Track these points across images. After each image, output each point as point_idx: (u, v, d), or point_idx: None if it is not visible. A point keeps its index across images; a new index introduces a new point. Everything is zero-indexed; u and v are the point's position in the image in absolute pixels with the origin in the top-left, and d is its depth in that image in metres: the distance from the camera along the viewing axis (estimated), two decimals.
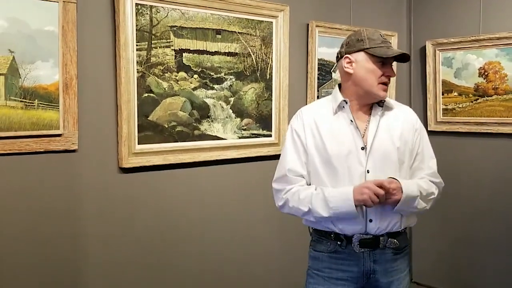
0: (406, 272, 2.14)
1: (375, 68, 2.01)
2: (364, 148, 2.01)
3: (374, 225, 2.00)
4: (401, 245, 2.08)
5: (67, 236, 2.52)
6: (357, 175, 2.00)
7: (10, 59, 2.29)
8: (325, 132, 2.05)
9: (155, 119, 2.74)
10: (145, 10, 2.66)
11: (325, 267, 2.08)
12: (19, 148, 2.34)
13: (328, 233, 2.07)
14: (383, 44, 2.02)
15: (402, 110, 2.18)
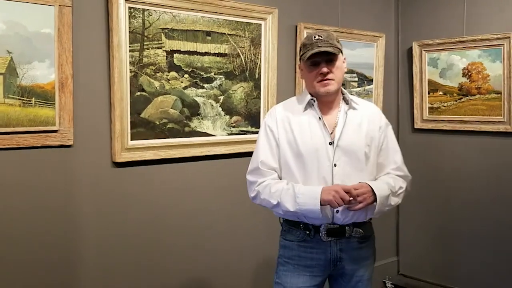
0: (371, 260, 2.25)
1: (308, 71, 2.15)
2: (332, 143, 2.12)
3: (340, 216, 2.10)
4: (366, 234, 2.19)
5: (62, 228, 2.62)
6: (325, 169, 2.10)
7: (8, 59, 2.39)
8: (296, 128, 2.16)
9: (147, 116, 2.85)
10: (137, 13, 2.77)
11: (294, 255, 2.19)
12: (17, 143, 2.44)
13: (297, 223, 2.17)
14: (311, 46, 2.09)
15: (368, 108, 2.28)
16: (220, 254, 3.25)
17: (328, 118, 2.18)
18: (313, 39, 2.10)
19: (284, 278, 2.20)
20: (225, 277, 3.28)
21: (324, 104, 2.19)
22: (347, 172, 2.10)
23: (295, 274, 2.18)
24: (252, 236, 3.39)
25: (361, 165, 2.13)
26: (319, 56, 2.09)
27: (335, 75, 2.11)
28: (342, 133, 2.13)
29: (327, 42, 2.08)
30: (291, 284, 2.17)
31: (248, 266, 3.39)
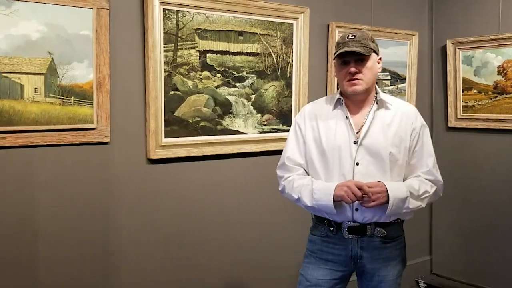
0: (397, 261, 2.24)
1: (339, 69, 2.18)
2: (356, 142, 2.14)
3: (360, 215, 2.13)
4: (390, 235, 2.19)
5: (100, 221, 2.73)
6: (347, 167, 2.13)
7: (49, 60, 2.51)
8: (322, 126, 2.20)
9: (180, 114, 2.93)
10: (172, 14, 2.85)
11: (317, 249, 2.24)
12: (57, 140, 2.56)
13: (322, 219, 2.21)
14: (342, 45, 2.11)
15: (403, 108, 2.25)
16: (251, 249, 3.32)
17: (357, 117, 2.20)
18: (346, 38, 2.13)
19: (306, 269, 2.26)
20: (254, 271, 3.35)
21: (354, 103, 2.21)
22: (370, 171, 2.11)
23: (315, 267, 2.23)
24: (282, 232, 3.44)
25: (385, 166, 2.13)
26: (349, 56, 2.11)
27: (364, 75, 2.12)
28: (367, 133, 2.15)
29: (359, 42, 2.09)
30: (311, 276, 2.22)
31: (278, 261, 3.44)
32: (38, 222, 2.55)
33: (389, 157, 2.13)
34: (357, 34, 2.13)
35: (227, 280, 3.24)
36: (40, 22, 2.46)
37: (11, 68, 2.41)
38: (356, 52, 2.08)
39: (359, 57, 2.10)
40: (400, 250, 2.27)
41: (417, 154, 2.22)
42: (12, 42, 2.40)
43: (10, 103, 2.42)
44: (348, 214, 2.14)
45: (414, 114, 2.26)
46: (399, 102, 2.31)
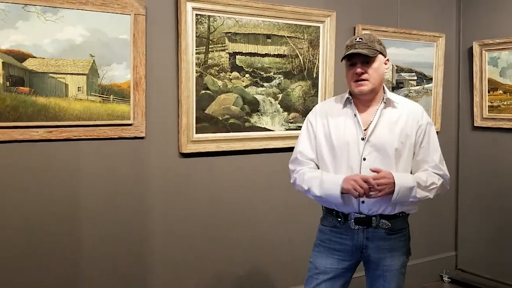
0: (402, 252, 2.30)
1: (347, 70, 2.25)
2: (364, 138, 2.22)
3: (366, 206, 2.20)
4: (395, 227, 2.25)
5: (135, 209, 2.90)
6: (355, 162, 2.21)
7: (91, 62, 2.69)
8: (332, 123, 2.29)
9: (210, 112, 3.07)
10: (204, 19, 2.99)
11: (326, 239, 2.33)
12: (98, 135, 2.74)
13: (331, 211, 2.31)
14: (350, 47, 2.19)
15: (409, 107, 2.32)
16: (276, 240, 3.43)
17: (364, 115, 2.27)
18: (353, 41, 2.21)
19: (315, 258, 2.35)
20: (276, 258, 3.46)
21: (362, 102, 2.29)
22: (375, 166, 2.18)
23: (324, 255, 2.32)
24: (307, 225, 3.50)
25: (390, 161, 2.20)
26: (356, 58, 2.19)
27: (370, 76, 2.19)
28: (374, 130, 2.22)
29: (365, 44, 2.17)
30: (320, 264, 2.31)
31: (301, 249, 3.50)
32: (80, 208, 2.74)
33: (395, 153, 2.20)
34: (364, 37, 2.21)
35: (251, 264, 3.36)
36: (83, 27, 2.64)
37: (57, 69, 2.60)
38: (362, 54, 2.16)
39: (365, 59, 2.18)
40: (404, 242, 2.33)
41: (424, 150, 2.27)
42: (58, 45, 2.59)
43: (56, 101, 2.61)
44: (354, 206, 2.22)
45: (420, 112, 2.32)
46: (406, 101, 2.37)
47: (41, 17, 2.54)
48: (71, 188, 2.71)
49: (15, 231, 2.58)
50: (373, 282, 2.33)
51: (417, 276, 4.07)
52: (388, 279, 2.27)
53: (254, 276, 3.36)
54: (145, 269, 2.96)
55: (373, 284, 2.34)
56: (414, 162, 2.28)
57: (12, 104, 2.50)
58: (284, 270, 3.48)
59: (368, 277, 2.37)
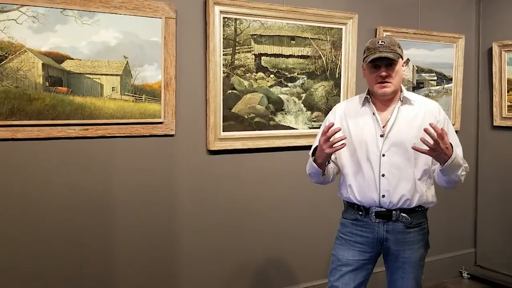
0: (420, 245, 2.32)
1: (369, 72, 2.26)
2: (382, 135, 2.25)
3: (386, 200, 2.24)
4: (414, 221, 2.28)
5: (165, 203, 2.98)
6: (374, 158, 2.24)
7: (124, 63, 2.77)
8: (351, 121, 2.33)
9: (237, 111, 3.13)
10: (230, 22, 3.05)
11: (348, 232, 2.37)
12: (131, 132, 2.82)
13: (352, 205, 2.34)
14: (373, 50, 2.20)
15: (426, 104, 2.34)
16: (300, 233, 3.47)
17: (383, 114, 2.30)
18: (376, 44, 2.23)
19: (338, 250, 2.38)
20: (302, 252, 3.50)
21: (381, 102, 2.32)
22: (395, 161, 2.22)
23: (346, 248, 2.35)
24: (329, 220, 3.54)
25: (409, 156, 2.23)
26: (380, 61, 2.21)
27: (393, 79, 2.23)
28: (392, 127, 2.25)
29: (388, 48, 2.20)
30: (342, 256, 2.35)
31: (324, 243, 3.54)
32: (113, 201, 2.82)
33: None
34: (386, 40, 2.23)
35: (274, 258, 3.41)
36: (117, 30, 2.72)
37: (93, 70, 2.69)
38: (386, 58, 2.19)
39: (389, 62, 2.21)
40: (423, 235, 2.35)
41: None
42: (93, 47, 2.68)
43: (92, 100, 2.70)
44: (375, 200, 2.25)
45: (437, 108, 2.34)
46: (422, 98, 2.40)
47: (78, 21, 2.63)
48: (105, 182, 2.80)
49: (53, 224, 2.68)
50: (392, 274, 2.36)
51: (437, 272, 4.08)
52: (407, 270, 2.30)
53: (277, 269, 3.41)
54: (173, 260, 3.04)
55: (392, 275, 2.36)
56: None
57: (51, 103, 2.59)
58: (307, 264, 3.52)
59: (388, 269, 2.40)
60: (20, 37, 2.50)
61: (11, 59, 2.49)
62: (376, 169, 2.24)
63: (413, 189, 2.25)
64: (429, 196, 2.32)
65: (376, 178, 2.24)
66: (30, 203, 2.61)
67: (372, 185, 2.24)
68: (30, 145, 2.59)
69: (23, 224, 2.60)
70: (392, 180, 2.23)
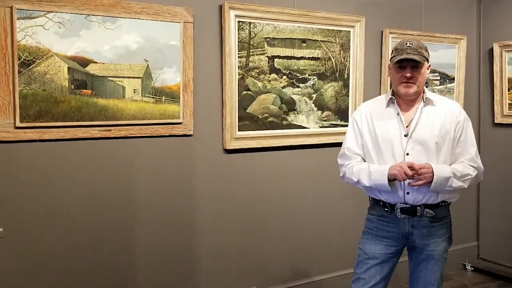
0: (444, 238, 2.36)
1: (396, 72, 2.30)
2: (406, 135, 2.29)
3: (411, 197, 2.28)
4: (438, 215, 2.32)
5: (184, 198, 3.02)
6: (399, 156, 2.28)
7: (145, 66, 2.81)
8: (377, 121, 2.36)
9: (251, 111, 3.17)
10: (245, 26, 3.09)
11: (374, 227, 2.41)
12: (151, 132, 2.86)
13: (378, 201, 2.38)
14: (401, 51, 2.24)
15: (448, 105, 2.39)
16: (311, 228, 3.52)
17: (407, 114, 2.34)
18: (404, 45, 2.27)
19: (365, 244, 2.43)
20: (314, 246, 3.55)
21: (405, 102, 2.36)
22: (418, 159, 2.25)
23: (373, 242, 2.40)
24: (339, 213, 3.62)
25: (432, 154, 2.27)
26: (406, 62, 2.25)
27: (417, 80, 2.27)
28: (416, 127, 2.29)
29: (415, 50, 2.24)
30: (369, 250, 2.39)
31: (335, 237, 3.62)
32: (135, 199, 2.86)
33: (435, 147, 2.26)
34: (414, 42, 2.27)
35: (287, 252, 3.45)
36: (138, 34, 2.77)
37: (115, 73, 2.73)
38: (412, 59, 2.23)
39: (414, 64, 2.25)
40: (447, 229, 2.39)
41: (462, 144, 2.34)
42: (116, 51, 2.72)
43: (114, 102, 2.74)
44: (400, 197, 2.29)
45: (458, 109, 2.39)
46: (444, 99, 2.44)
47: (102, 26, 2.67)
48: (127, 181, 2.84)
49: (78, 222, 2.72)
50: (416, 266, 2.40)
51: None
52: (431, 263, 2.34)
53: (292, 262, 3.45)
54: (192, 254, 3.08)
55: (416, 267, 2.40)
56: (453, 155, 2.33)
57: (76, 105, 2.64)
58: (320, 257, 3.57)
59: (412, 261, 2.43)
60: (47, 42, 2.54)
61: (38, 63, 2.53)
62: None
63: None
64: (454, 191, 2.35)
65: None
66: (56, 202, 2.65)
67: (397, 182, 2.28)
68: (56, 145, 2.63)
69: (49, 221, 2.64)
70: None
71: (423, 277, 2.37)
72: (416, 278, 2.41)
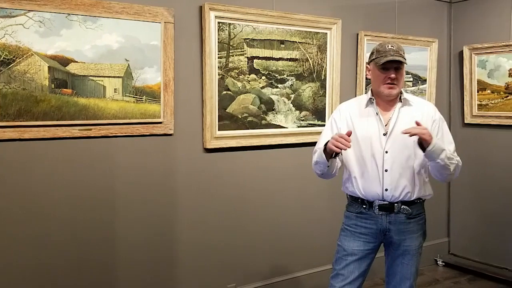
0: (419, 234, 2.43)
1: (379, 74, 2.33)
2: (385, 134, 2.34)
3: (389, 193, 2.33)
4: (413, 212, 2.38)
5: (164, 199, 3.02)
6: (378, 155, 2.33)
7: (126, 66, 2.79)
8: (356, 120, 2.41)
9: (231, 111, 3.19)
10: (225, 26, 3.11)
11: (353, 224, 2.45)
12: (132, 131, 2.85)
13: (356, 198, 2.42)
14: (384, 53, 2.29)
15: (423, 105, 2.45)
16: (289, 225, 3.56)
17: (385, 113, 2.39)
18: (386, 47, 2.31)
19: (343, 241, 2.46)
20: (293, 242, 3.59)
21: (384, 102, 2.40)
22: (396, 157, 2.31)
23: (351, 239, 2.44)
24: (317, 210, 3.67)
25: (409, 152, 2.33)
26: (390, 64, 2.29)
27: (399, 81, 2.32)
28: (394, 126, 2.35)
29: (398, 52, 2.29)
30: (348, 246, 2.43)
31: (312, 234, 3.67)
32: (115, 198, 2.85)
33: (413, 145, 2.29)
34: (395, 45, 2.32)
35: (271, 249, 3.49)
36: (118, 34, 2.75)
37: (96, 72, 2.71)
38: (396, 61, 2.28)
39: (398, 65, 2.30)
40: (422, 225, 2.46)
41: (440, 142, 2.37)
42: (97, 51, 2.70)
43: (95, 101, 2.72)
44: (379, 194, 2.34)
45: (433, 109, 2.46)
46: (420, 100, 2.51)
47: (82, 25, 2.65)
48: (107, 180, 2.82)
49: (58, 220, 2.69)
50: (393, 261, 2.45)
51: None
52: (407, 258, 2.40)
53: (272, 259, 3.49)
54: (172, 252, 3.08)
55: (392, 262, 2.46)
56: None
57: (56, 105, 2.61)
58: (297, 254, 3.61)
59: (389, 256, 2.48)
60: (27, 41, 2.50)
61: (18, 62, 2.49)
62: (379, 165, 2.33)
63: (413, 183, 2.34)
64: (426, 188, 2.42)
65: (380, 174, 2.32)
66: (35, 201, 2.62)
67: (376, 180, 2.33)
68: (36, 145, 2.60)
69: (29, 220, 2.61)
70: (394, 175, 2.31)
71: (400, 272, 2.43)
72: (392, 272, 2.46)
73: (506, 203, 4.06)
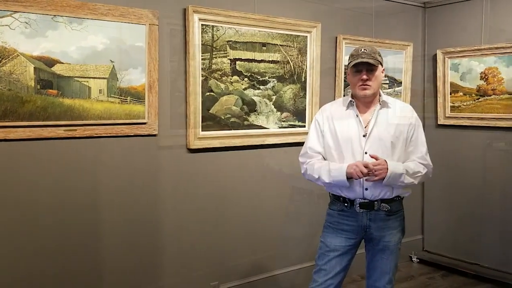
0: (398, 230, 2.52)
1: (353, 76, 2.44)
2: (365, 135, 2.42)
3: (369, 193, 2.41)
4: (393, 209, 2.47)
5: (148, 199, 3.03)
6: (358, 154, 2.41)
7: (111, 67, 2.80)
8: (337, 122, 2.48)
9: (214, 112, 3.22)
10: (208, 29, 3.14)
11: (335, 221, 2.52)
12: (116, 132, 2.85)
13: (338, 197, 2.50)
14: (356, 56, 2.38)
15: (401, 107, 2.54)
16: (273, 223, 3.61)
17: (365, 115, 2.47)
18: (359, 51, 2.40)
19: (326, 237, 2.54)
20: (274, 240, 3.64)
21: (363, 104, 2.49)
22: None
23: (333, 235, 2.51)
24: (297, 209, 3.73)
25: (387, 152, 2.41)
26: (361, 66, 2.38)
27: (372, 82, 2.40)
28: (373, 128, 2.43)
29: (369, 55, 2.37)
30: (330, 242, 2.50)
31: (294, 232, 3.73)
32: (100, 198, 2.85)
33: (391, 146, 2.41)
34: (368, 48, 2.41)
35: (252, 247, 3.54)
36: (104, 36, 2.76)
37: (81, 73, 2.71)
38: (367, 63, 2.36)
39: (370, 67, 2.38)
40: (400, 221, 2.54)
41: (413, 143, 2.49)
42: (82, 52, 2.70)
43: (80, 102, 2.72)
44: (359, 193, 2.42)
45: (410, 111, 2.55)
46: (398, 102, 2.59)
47: (68, 27, 2.65)
48: (92, 180, 2.82)
49: (43, 221, 2.68)
50: (373, 256, 2.53)
51: None
52: (387, 253, 2.49)
53: (254, 257, 3.53)
54: (157, 251, 3.10)
55: (373, 258, 2.54)
56: (405, 154, 2.49)
57: (42, 105, 2.60)
58: (279, 252, 3.66)
59: (369, 252, 2.56)
60: (13, 42, 2.49)
61: (4, 63, 2.48)
62: None
63: None
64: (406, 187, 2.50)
65: None
66: (20, 201, 2.61)
67: (356, 180, 2.39)
68: (21, 145, 2.59)
69: (13, 221, 2.59)
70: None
71: (380, 267, 2.51)
72: (373, 267, 2.54)
73: (477, 201, 4.19)
